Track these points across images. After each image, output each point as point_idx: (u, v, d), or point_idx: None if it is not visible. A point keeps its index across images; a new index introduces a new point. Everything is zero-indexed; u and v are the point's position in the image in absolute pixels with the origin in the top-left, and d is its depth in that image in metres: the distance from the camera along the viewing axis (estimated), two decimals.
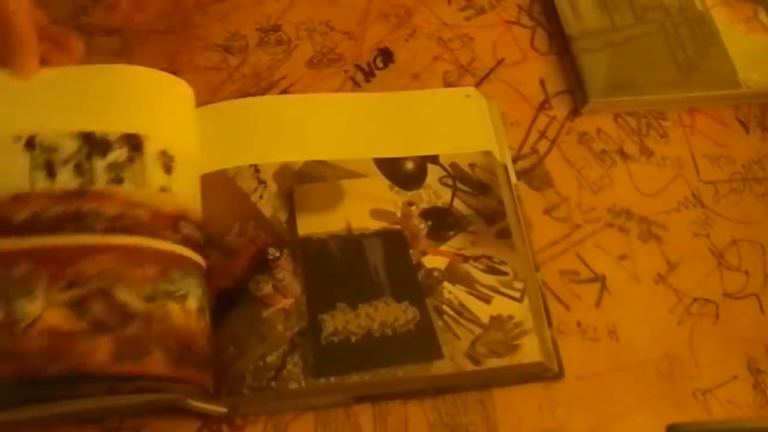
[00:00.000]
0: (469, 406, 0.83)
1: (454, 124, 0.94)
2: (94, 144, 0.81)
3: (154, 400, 0.76)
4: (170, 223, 0.79)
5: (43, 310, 0.72)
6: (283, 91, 0.97)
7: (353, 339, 0.79)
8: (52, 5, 0.96)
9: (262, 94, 0.96)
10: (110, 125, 0.82)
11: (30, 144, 0.81)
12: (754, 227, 0.96)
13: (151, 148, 0.82)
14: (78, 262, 0.75)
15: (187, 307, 0.76)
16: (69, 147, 0.81)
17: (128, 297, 0.74)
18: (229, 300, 0.80)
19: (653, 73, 1.01)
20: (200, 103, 0.90)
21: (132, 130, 0.83)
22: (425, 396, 0.82)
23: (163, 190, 0.81)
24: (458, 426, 0.81)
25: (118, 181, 0.80)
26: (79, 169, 0.80)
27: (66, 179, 0.79)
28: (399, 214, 0.86)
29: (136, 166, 0.81)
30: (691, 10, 1.07)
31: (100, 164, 0.80)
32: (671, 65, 1.02)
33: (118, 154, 0.81)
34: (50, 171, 0.79)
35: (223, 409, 0.78)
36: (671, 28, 1.05)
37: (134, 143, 0.82)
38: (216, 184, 0.86)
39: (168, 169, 0.82)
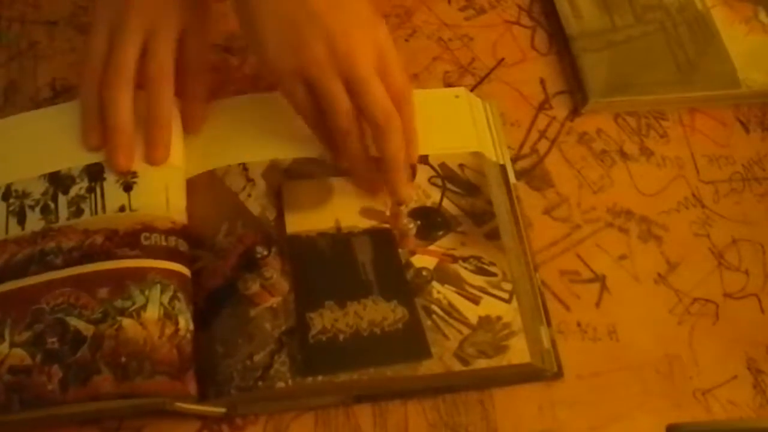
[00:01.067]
0: (468, 406, 0.83)
1: (443, 124, 0.93)
2: (58, 183, 0.83)
3: (138, 404, 0.76)
4: (129, 239, 0.80)
5: (9, 350, 0.75)
6: None
7: (341, 337, 0.79)
8: (53, 5, 0.98)
9: None
10: (74, 160, 0.85)
11: (7, 193, 0.83)
12: (754, 227, 0.95)
13: (111, 173, 0.84)
14: (39, 300, 0.77)
15: (145, 319, 0.76)
16: (38, 190, 0.83)
17: (79, 323, 0.76)
18: (218, 300, 0.80)
19: (653, 73, 1.01)
20: None
21: (93, 160, 0.84)
22: (424, 396, 0.82)
23: (121, 209, 0.82)
24: (458, 426, 0.81)
25: (79, 213, 0.82)
26: (45, 210, 0.82)
27: (33, 222, 0.81)
28: (388, 213, 0.86)
29: (95, 195, 0.82)
30: (691, 10, 1.07)
31: (62, 201, 0.82)
32: (671, 65, 1.02)
33: (80, 187, 0.83)
34: (21, 217, 0.81)
35: (220, 410, 0.79)
36: (671, 28, 1.05)
37: (94, 173, 0.84)
38: (205, 185, 0.86)
39: (128, 187, 0.83)
